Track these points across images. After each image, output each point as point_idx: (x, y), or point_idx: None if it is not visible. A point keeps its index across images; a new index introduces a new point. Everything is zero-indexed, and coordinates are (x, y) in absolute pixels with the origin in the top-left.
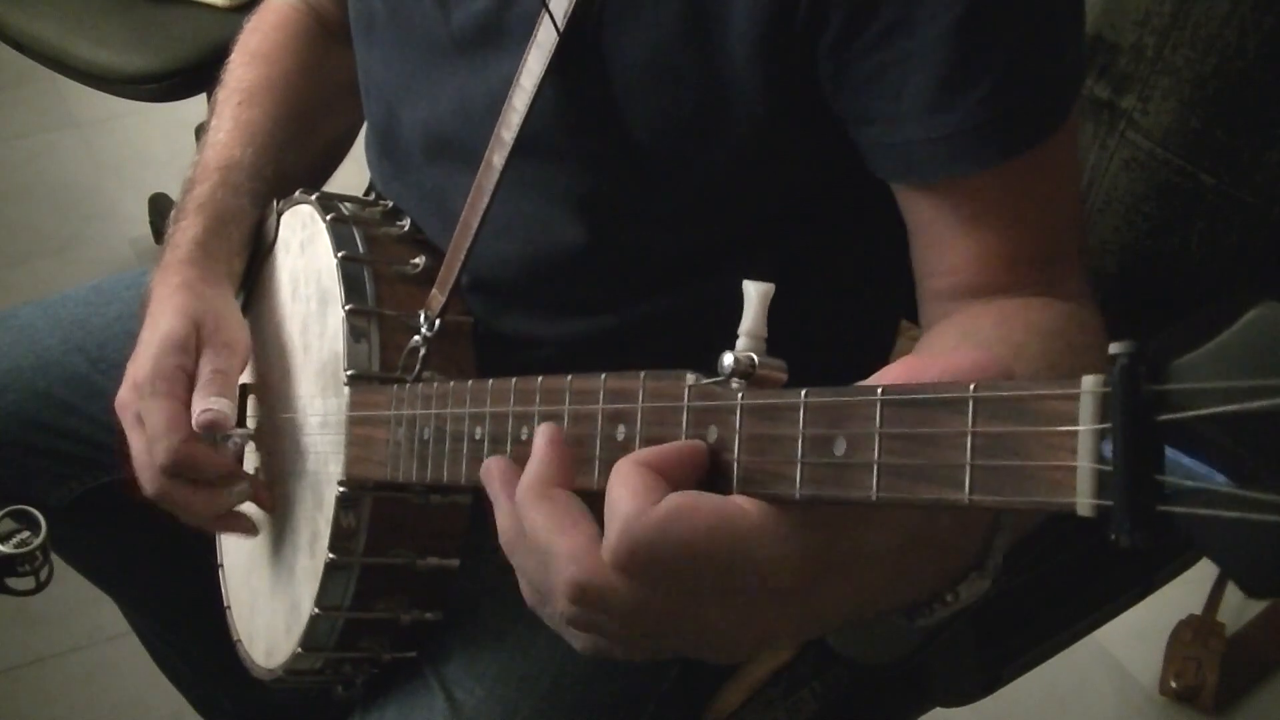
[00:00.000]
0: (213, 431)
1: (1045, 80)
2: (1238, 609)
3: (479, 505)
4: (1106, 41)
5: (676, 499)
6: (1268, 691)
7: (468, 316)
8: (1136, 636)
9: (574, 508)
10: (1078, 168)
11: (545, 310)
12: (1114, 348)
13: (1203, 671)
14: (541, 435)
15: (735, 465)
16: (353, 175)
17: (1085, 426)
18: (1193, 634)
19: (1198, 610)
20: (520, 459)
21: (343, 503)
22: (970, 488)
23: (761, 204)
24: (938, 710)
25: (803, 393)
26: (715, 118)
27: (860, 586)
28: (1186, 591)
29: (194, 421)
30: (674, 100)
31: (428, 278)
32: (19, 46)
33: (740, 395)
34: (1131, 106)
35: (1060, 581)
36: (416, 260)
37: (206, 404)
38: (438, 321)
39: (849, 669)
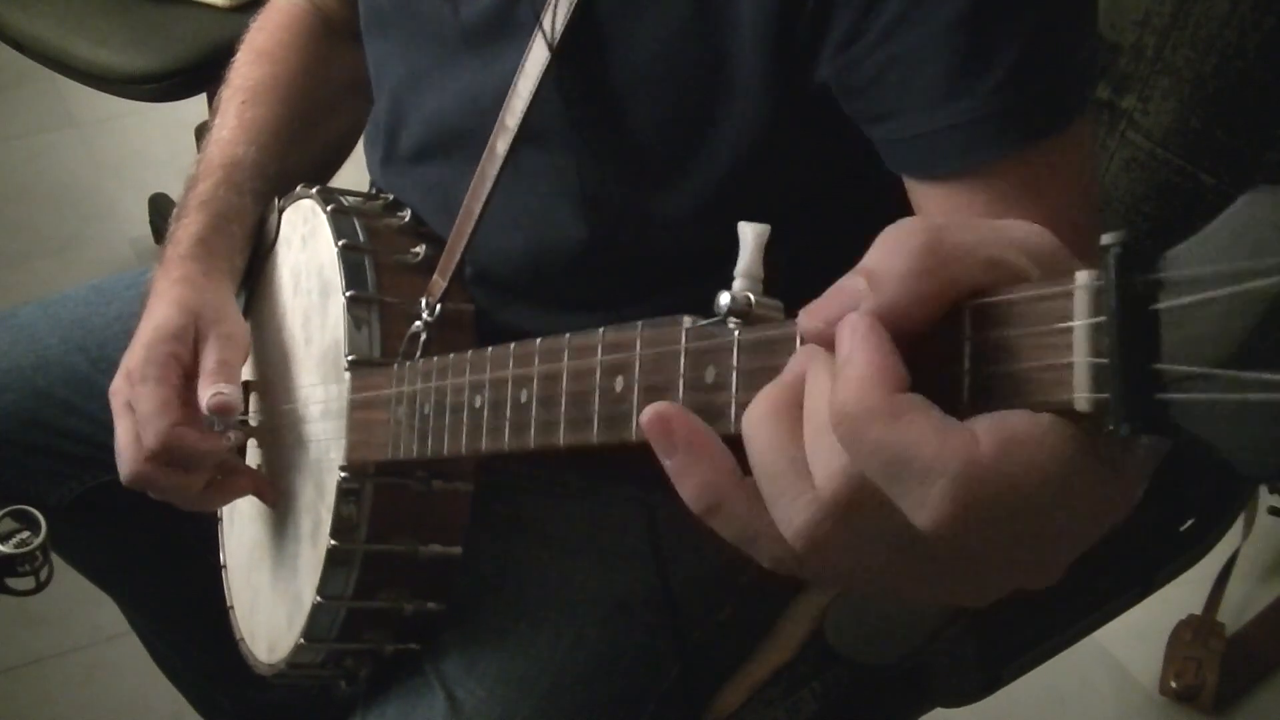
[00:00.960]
0: (223, 415)
1: (1061, 66)
2: (1238, 609)
3: (480, 498)
4: (1106, 41)
5: (1001, 428)
6: (1268, 691)
7: (469, 304)
8: (1136, 636)
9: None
10: (1095, 164)
11: (547, 305)
12: (1105, 239)
13: (1203, 671)
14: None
15: (733, 404)
16: (354, 175)
17: (1080, 322)
18: (1193, 634)
19: (1198, 610)
20: (519, 424)
21: (344, 490)
22: (969, 395)
23: (764, 202)
24: (938, 710)
25: (797, 322)
26: (719, 114)
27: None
28: (1186, 591)
29: (204, 405)
30: (678, 96)
31: (429, 267)
32: (19, 46)
33: (737, 334)
34: (1131, 106)
35: (1060, 581)
36: (417, 249)
37: (216, 388)
38: (439, 308)
39: (849, 669)
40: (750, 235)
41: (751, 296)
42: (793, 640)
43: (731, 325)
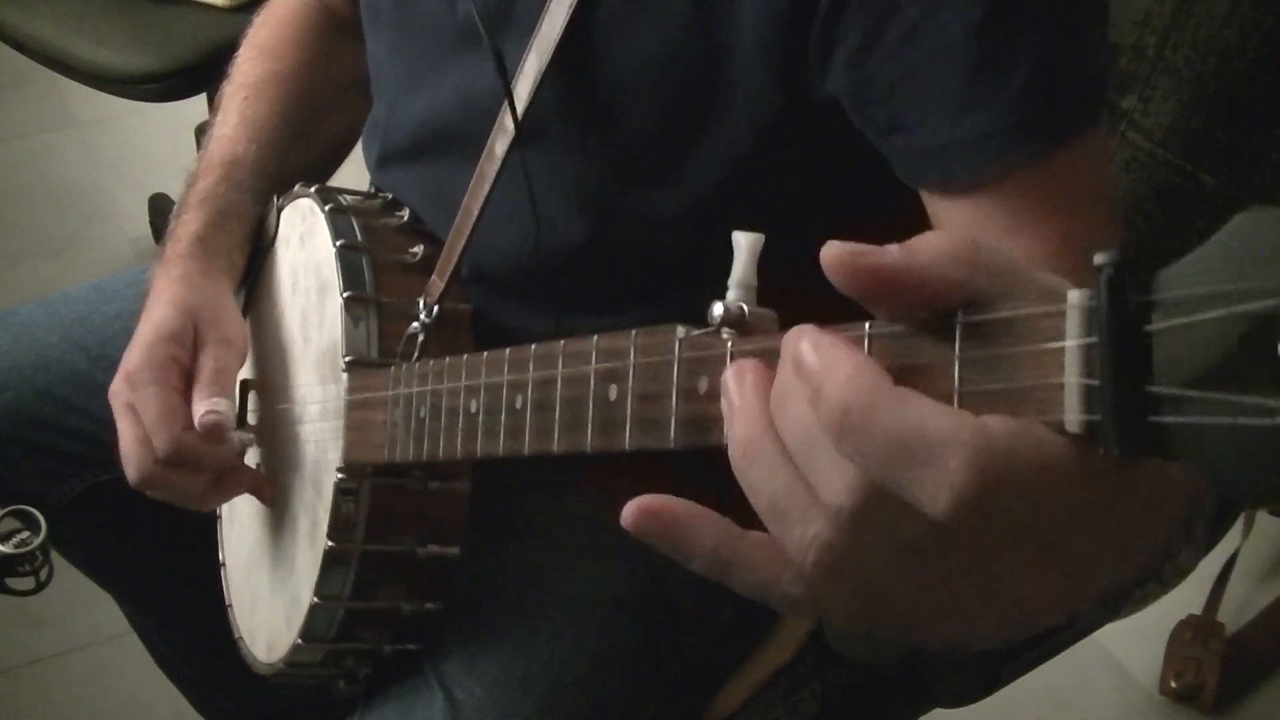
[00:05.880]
0: (215, 434)
1: (1078, 71)
2: (1238, 609)
3: (478, 498)
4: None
5: (1007, 419)
6: (1268, 691)
7: (467, 305)
8: (1136, 636)
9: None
10: (1109, 175)
11: (544, 304)
12: (1098, 258)
13: (1203, 671)
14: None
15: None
16: (353, 175)
17: (1072, 342)
18: (1193, 634)
19: (1198, 610)
20: (514, 429)
21: (342, 489)
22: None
23: (763, 205)
24: (938, 710)
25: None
26: (717, 116)
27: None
28: (1186, 591)
29: (196, 423)
30: (678, 95)
31: (427, 266)
32: (19, 46)
33: (730, 344)
34: (1132, 107)
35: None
36: (415, 249)
37: (209, 405)
38: (436, 308)
39: (849, 669)
40: (745, 244)
41: (745, 307)
42: (793, 640)
43: (725, 335)
